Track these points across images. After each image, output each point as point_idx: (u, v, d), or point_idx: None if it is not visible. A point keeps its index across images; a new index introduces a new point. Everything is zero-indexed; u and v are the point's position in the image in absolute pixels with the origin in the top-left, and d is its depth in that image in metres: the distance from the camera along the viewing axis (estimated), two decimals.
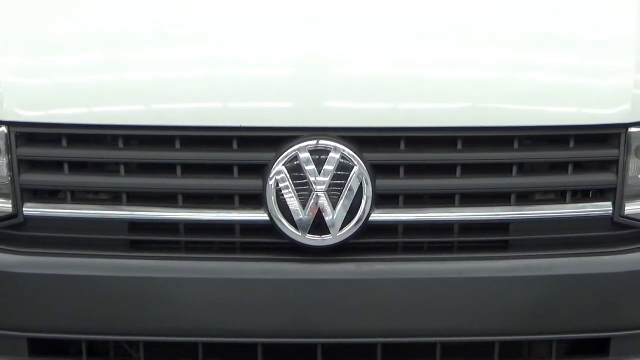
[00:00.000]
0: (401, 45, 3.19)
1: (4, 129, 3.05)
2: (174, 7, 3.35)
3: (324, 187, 2.96)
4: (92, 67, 3.18)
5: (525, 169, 3.07)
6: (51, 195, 3.10)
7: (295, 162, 2.97)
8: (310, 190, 2.96)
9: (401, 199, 3.03)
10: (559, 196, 3.10)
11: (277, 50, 3.16)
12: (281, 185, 2.96)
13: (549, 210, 3.07)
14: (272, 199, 2.97)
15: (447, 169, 3.04)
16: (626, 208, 3.09)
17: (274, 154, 2.98)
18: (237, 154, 3.01)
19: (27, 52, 3.20)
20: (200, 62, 3.16)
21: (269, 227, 3.00)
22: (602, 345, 3.09)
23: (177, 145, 3.02)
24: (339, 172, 2.96)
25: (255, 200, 3.00)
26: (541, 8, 3.39)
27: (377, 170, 3.00)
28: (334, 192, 2.96)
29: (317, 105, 3.03)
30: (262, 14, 3.27)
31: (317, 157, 2.97)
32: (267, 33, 3.20)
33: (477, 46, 3.22)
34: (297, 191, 2.96)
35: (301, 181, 2.96)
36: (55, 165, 3.06)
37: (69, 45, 3.25)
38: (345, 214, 2.97)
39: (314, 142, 2.97)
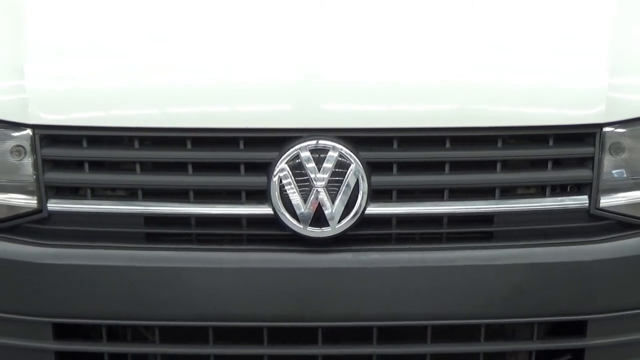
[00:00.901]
0: (392, 52, 3.17)
1: (29, 131, 3.06)
2: (184, 19, 3.34)
3: (323, 183, 2.97)
4: (109, 74, 3.17)
5: (508, 165, 3.07)
6: (73, 192, 3.10)
7: (297, 160, 2.98)
8: (311, 186, 2.97)
9: (394, 193, 3.04)
10: (539, 190, 3.09)
11: (280, 58, 3.15)
12: (284, 182, 2.98)
13: (530, 203, 3.07)
14: (275, 194, 2.98)
15: (436, 166, 3.04)
16: (601, 201, 3.08)
17: (277, 153, 2.99)
18: (243, 153, 3.03)
19: (49, 60, 3.19)
20: (209, 68, 3.15)
21: (273, 220, 3.01)
22: (580, 327, 3.08)
23: (188, 145, 3.03)
24: (337, 170, 2.98)
25: (260, 195, 3.02)
26: (522, 18, 3.37)
27: (372, 167, 3.01)
28: (333, 187, 2.98)
29: (316, 108, 3.04)
30: (265, 26, 3.26)
31: (317, 155, 2.98)
32: (270, 43, 3.20)
33: (462, 53, 3.19)
34: (299, 187, 2.98)
35: (302, 178, 2.98)
36: (76, 165, 3.08)
37: (87, 54, 3.22)
38: (343, 208, 2.98)
39: (314, 141, 2.99)
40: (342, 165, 2.99)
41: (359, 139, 3.01)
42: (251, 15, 3.34)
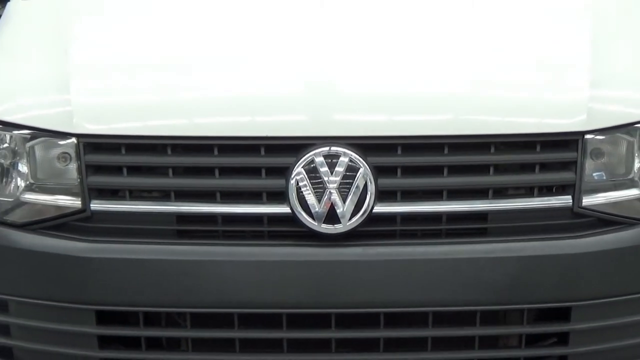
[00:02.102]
0: (396, 69, 3.17)
1: (74, 139, 3.06)
2: (211, 40, 3.33)
3: (335, 185, 2.99)
4: (144, 89, 3.18)
5: (500, 169, 3.07)
6: (112, 194, 3.10)
7: (312, 165, 2.99)
8: (324, 188, 2.98)
9: (399, 194, 3.04)
10: (528, 191, 3.09)
11: (296, 74, 3.16)
12: (300, 184, 2.99)
13: (520, 202, 3.07)
14: (293, 195, 2.99)
15: (436, 170, 3.04)
16: (583, 200, 3.08)
17: (294, 159, 3.00)
18: (264, 159, 3.04)
19: (91, 77, 3.20)
20: (234, 84, 3.14)
21: (291, 218, 3.01)
22: (565, 313, 3.07)
23: (215, 152, 3.04)
24: (348, 173, 2.99)
25: (279, 196, 3.02)
26: (512, 38, 3.35)
27: (378, 171, 3.02)
28: (344, 189, 2.99)
29: (328, 118, 3.06)
30: (282, 46, 3.27)
31: (330, 160, 2.99)
32: (287, 61, 3.20)
33: (459, 69, 3.19)
34: (314, 188, 2.99)
35: (316, 180, 2.99)
36: (115, 169, 3.08)
37: (125, 72, 3.23)
38: (353, 207, 2.99)
39: (327, 148, 3.00)
40: (352, 169, 3.00)
41: (367, 146, 3.02)
42: (270, 36, 3.34)
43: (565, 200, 3.09)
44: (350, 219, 3.00)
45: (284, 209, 3.03)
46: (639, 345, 3.15)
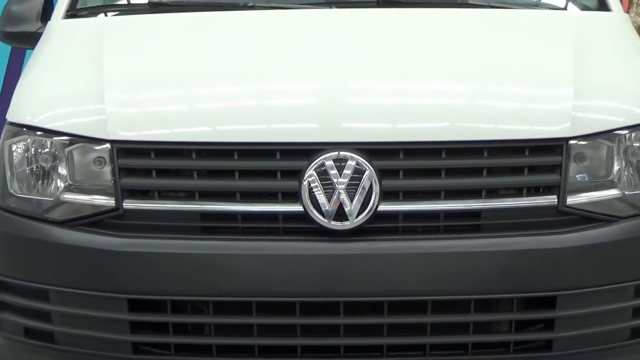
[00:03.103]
0: (398, 81, 3.21)
1: (108, 145, 3.08)
2: (231, 57, 3.36)
3: (343, 186, 3.00)
4: (171, 100, 3.22)
5: (492, 171, 3.07)
6: (143, 194, 3.10)
7: (322, 168, 3.01)
8: (334, 189, 3.00)
9: (401, 194, 3.05)
10: (518, 191, 3.08)
11: (308, 87, 3.21)
12: (312, 185, 3.00)
13: (510, 201, 3.07)
14: (305, 195, 3.00)
15: (434, 172, 3.05)
16: (567, 200, 3.08)
17: (306, 162, 3.01)
18: (279, 162, 3.05)
19: (123, 89, 3.22)
20: (252, 94, 3.19)
21: (303, 216, 3.02)
22: (551, 301, 3.07)
23: (235, 156, 3.06)
24: (355, 175, 3.00)
25: (293, 196, 3.03)
26: (503, 54, 3.39)
27: (382, 173, 3.03)
28: (351, 189, 3.00)
29: (337, 126, 3.08)
30: (295, 62, 3.30)
31: (338, 164, 3.00)
32: (300, 75, 3.25)
33: (455, 81, 3.23)
34: (324, 189, 3.00)
35: (327, 182, 3.00)
36: (146, 172, 3.09)
37: (154, 84, 3.27)
38: (359, 206, 2.99)
39: (336, 153, 3.01)
40: (358, 172, 3.01)
41: (372, 151, 3.03)
42: (284, 54, 3.38)
43: (551, 199, 3.09)
44: (357, 216, 3.01)
45: (297, 208, 3.04)
46: (618, 331, 3.14)
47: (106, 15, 3.92)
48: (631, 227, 3.11)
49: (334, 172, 3.01)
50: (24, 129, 3.19)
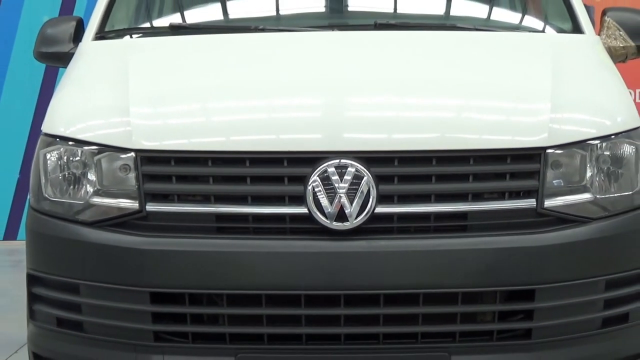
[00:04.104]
0: (394, 96, 3.23)
1: (132, 154, 3.10)
2: (243, 75, 3.38)
3: (344, 191, 3.01)
4: (190, 113, 3.24)
5: (478, 177, 3.08)
6: (164, 197, 3.11)
7: (325, 174, 3.02)
8: (335, 193, 3.01)
9: (395, 198, 3.05)
10: (500, 195, 3.09)
11: (312, 101, 3.23)
12: (316, 190, 3.01)
13: (494, 204, 3.08)
14: (310, 199, 3.01)
15: (426, 178, 3.07)
16: (545, 203, 3.09)
17: (310, 169, 3.03)
18: (287, 169, 3.06)
19: (146, 103, 3.25)
20: (262, 109, 3.21)
21: (308, 217, 3.03)
22: (530, 294, 3.07)
23: (247, 164, 3.07)
24: (354, 181, 3.01)
25: (299, 199, 3.04)
26: (487, 72, 3.41)
27: (379, 179, 3.03)
28: (351, 193, 3.01)
29: (339, 137, 3.09)
30: (301, 79, 3.32)
31: (340, 170, 3.02)
32: (305, 90, 3.27)
33: (444, 96, 3.25)
34: (327, 193, 3.01)
35: (329, 187, 3.01)
36: (166, 178, 3.10)
37: (174, 99, 3.29)
38: (358, 208, 3.01)
39: (337, 161, 3.03)
40: (357, 178, 3.02)
41: (370, 159, 3.05)
42: (291, 72, 3.40)
43: (530, 202, 3.11)
44: (356, 218, 3.02)
45: (302, 210, 3.05)
46: (590, 321, 3.15)
47: (131, 37, 3.96)
48: (602, 228, 3.13)
49: (335, 178, 3.03)
50: (57, 140, 3.22)
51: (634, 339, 3.22)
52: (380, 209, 3.05)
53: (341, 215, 3.01)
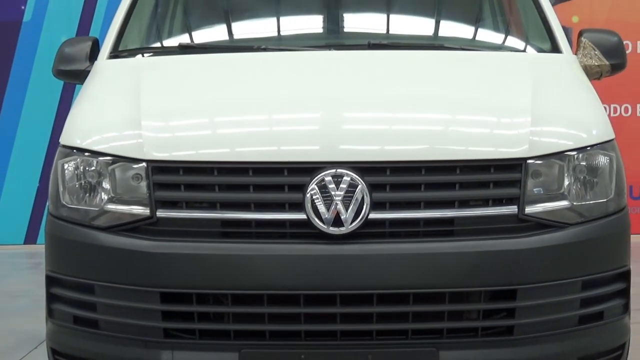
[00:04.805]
0: (386, 110, 3.25)
1: (144, 164, 3.12)
2: (246, 91, 3.39)
3: (340, 198, 3.02)
4: (197, 126, 3.25)
5: (463, 185, 3.09)
6: (173, 204, 3.12)
7: (322, 183, 3.03)
8: (332, 200, 3.02)
9: (387, 204, 3.07)
10: (484, 202, 3.11)
11: (310, 115, 3.25)
12: (314, 197, 3.02)
13: (478, 211, 3.09)
14: (308, 205, 3.02)
15: (415, 186, 3.08)
16: (526, 209, 3.10)
17: (309, 178, 3.04)
18: (287, 178, 3.07)
19: (157, 117, 3.25)
20: (264, 122, 3.24)
21: (307, 223, 3.04)
22: (512, 294, 3.08)
23: (250, 173, 3.08)
24: (349, 189, 3.02)
25: (298, 206, 3.05)
26: (472, 88, 3.42)
27: (372, 187, 3.04)
28: (346, 201, 3.02)
29: (335, 148, 3.11)
30: (300, 95, 3.34)
31: (336, 179, 3.03)
32: (304, 105, 3.28)
33: (432, 111, 3.28)
34: (324, 200, 3.02)
35: (326, 194, 3.02)
36: (175, 186, 3.12)
37: (182, 113, 3.30)
38: (353, 214, 3.02)
39: (334, 170, 3.04)
40: (352, 186, 3.04)
41: (364, 168, 3.06)
42: (291, 89, 3.42)
43: (512, 209, 3.12)
44: (351, 223, 3.04)
45: (301, 216, 3.06)
46: (568, 318, 3.16)
47: (143, 56, 3.96)
48: (578, 232, 3.14)
49: (332, 186, 3.04)
50: (74, 151, 3.24)
51: (609, 335, 3.23)
52: (373, 215, 3.06)
53: (337, 221, 3.03)
